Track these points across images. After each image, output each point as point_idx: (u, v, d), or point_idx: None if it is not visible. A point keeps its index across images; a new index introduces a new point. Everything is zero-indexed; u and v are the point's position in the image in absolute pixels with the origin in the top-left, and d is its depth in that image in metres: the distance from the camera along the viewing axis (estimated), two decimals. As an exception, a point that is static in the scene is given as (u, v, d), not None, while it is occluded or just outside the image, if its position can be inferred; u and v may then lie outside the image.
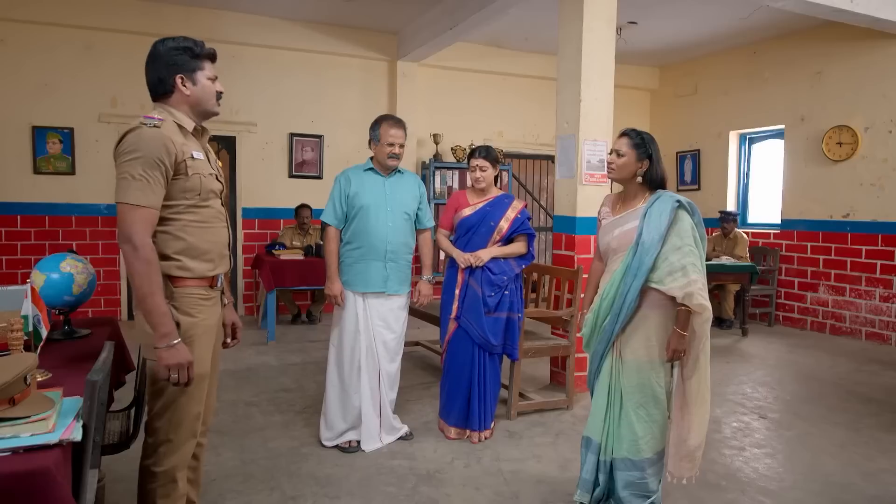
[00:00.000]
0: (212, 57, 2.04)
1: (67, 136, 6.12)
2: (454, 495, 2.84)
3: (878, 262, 6.13)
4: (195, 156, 1.97)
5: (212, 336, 2.05)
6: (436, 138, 7.28)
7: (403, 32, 7.06)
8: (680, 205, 2.46)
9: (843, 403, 4.26)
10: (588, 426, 2.66)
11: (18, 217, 6.06)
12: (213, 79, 2.04)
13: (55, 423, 1.34)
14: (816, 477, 3.10)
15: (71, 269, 2.21)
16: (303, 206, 6.53)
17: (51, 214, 6.17)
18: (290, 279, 5.75)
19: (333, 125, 7.06)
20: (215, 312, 2.07)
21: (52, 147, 6.09)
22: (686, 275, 2.38)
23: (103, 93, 6.23)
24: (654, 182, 2.54)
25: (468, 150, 7.38)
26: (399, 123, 3.32)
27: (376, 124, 3.31)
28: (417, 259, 3.49)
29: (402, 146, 3.32)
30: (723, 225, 6.90)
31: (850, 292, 6.37)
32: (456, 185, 7.32)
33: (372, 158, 3.37)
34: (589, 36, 4.16)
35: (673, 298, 2.42)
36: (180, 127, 1.97)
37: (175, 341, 1.82)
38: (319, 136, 7.07)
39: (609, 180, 4.18)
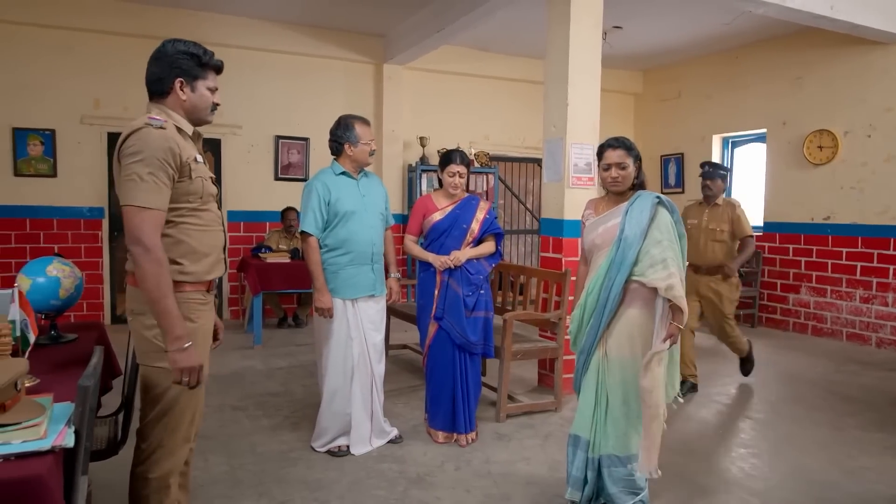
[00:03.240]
0: (218, 68, 2.04)
1: (49, 138, 6.04)
2: (445, 498, 2.84)
3: (858, 265, 6.23)
4: (198, 159, 1.97)
5: (208, 340, 2.04)
6: (422, 141, 7.28)
7: (389, 35, 7.06)
8: (660, 201, 2.58)
9: (825, 403, 4.33)
10: (575, 424, 2.69)
11: (-2, 220, 5.97)
12: (213, 90, 2.03)
13: (46, 429, 1.32)
14: (801, 476, 3.15)
15: (58, 273, 2.18)
16: (289, 209, 6.50)
17: (32, 217, 6.07)
18: (277, 282, 5.71)
19: (319, 128, 6.96)
20: (211, 317, 2.07)
21: (33, 149, 6.01)
22: (666, 267, 2.47)
23: (85, 94, 6.15)
24: (641, 182, 2.63)
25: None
26: (368, 122, 3.34)
27: (348, 126, 3.25)
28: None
29: (373, 141, 3.36)
30: (704, 182, 4.48)
31: (831, 294, 6.47)
32: (442, 188, 7.32)
33: (337, 161, 3.32)
34: (576, 39, 4.19)
35: (654, 295, 2.49)
36: (180, 130, 1.96)
37: (187, 344, 1.82)
38: (305, 139, 7.05)
39: (595, 184, 4.25)
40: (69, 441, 1.30)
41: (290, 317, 6.67)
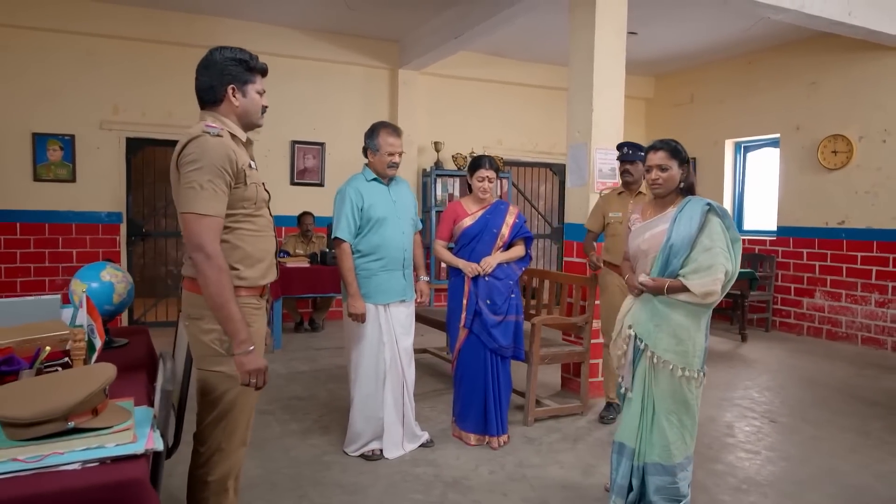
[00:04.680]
0: (263, 72, 2.07)
1: (68, 143, 6.07)
2: (483, 502, 2.85)
3: (874, 269, 6.26)
4: (251, 165, 2.00)
5: (262, 344, 2.06)
6: (436, 146, 7.32)
7: (405, 41, 7.10)
8: (710, 208, 2.53)
9: (848, 407, 4.35)
10: (620, 431, 2.70)
11: (18, 225, 5.99)
12: (262, 93, 2.06)
13: (135, 433, 1.34)
14: (832, 479, 3.16)
15: (111, 279, 2.21)
16: (305, 214, 6.53)
17: (51, 222, 6.10)
18: (297, 287, 5.73)
19: (335, 133, 7.06)
20: (264, 321, 2.09)
21: (52, 154, 6.04)
22: (712, 273, 2.44)
23: (105, 100, 6.19)
24: (689, 187, 2.61)
25: (469, 158, 7.43)
26: (397, 132, 3.32)
27: (374, 133, 3.28)
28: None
29: (400, 155, 3.32)
30: (624, 167, 3.88)
31: (846, 298, 6.49)
32: (457, 193, 7.36)
33: (368, 167, 3.35)
34: (600, 46, 4.23)
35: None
36: (233, 136, 1.99)
37: (251, 347, 1.86)
38: (321, 144, 7.08)
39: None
40: (159, 445, 1.33)
41: (305, 321, 6.69)
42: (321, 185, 7.03)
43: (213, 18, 6.39)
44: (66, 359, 2.01)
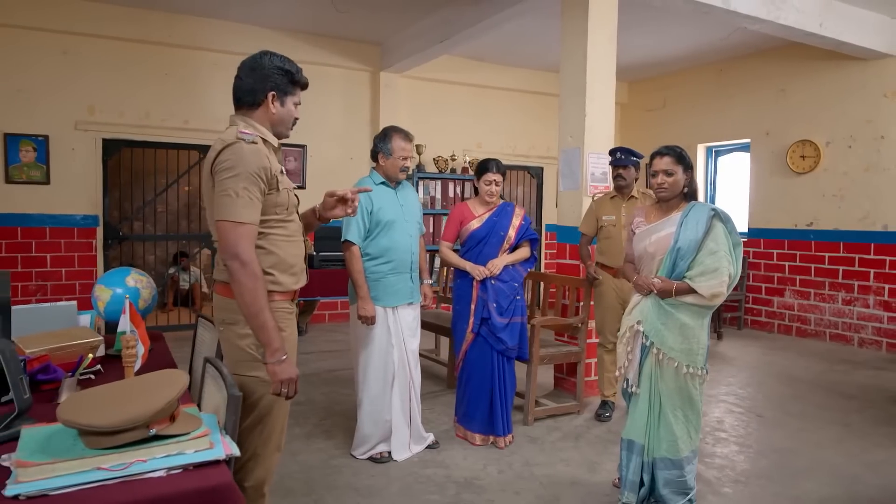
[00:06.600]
0: (304, 86, 2.08)
1: (42, 144, 5.87)
2: (497, 501, 2.90)
3: (840, 269, 6.54)
4: (283, 170, 2.00)
5: (294, 350, 2.06)
6: (418, 149, 7.33)
7: (387, 44, 7.10)
8: (715, 213, 2.64)
9: (827, 401, 4.54)
10: (628, 428, 2.78)
11: (-11, 229, 5.78)
12: (297, 105, 2.07)
13: (211, 439, 1.34)
14: (825, 470, 3.31)
15: (136, 284, 2.17)
16: (288, 217, 6.46)
17: (23, 225, 5.89)
18: (284, 290, 5.67)
19: (316, 135, 7.00)
20: (295, 326, 2.09)
21: (25, 155, 5.83)
22: (718, 276, 2.55)
23: (80, 100, 6.00)
24: (692, 192, 2.71)
25: (450, 161, 7.49)
26: (408, 136, 3.37)
27: (386, 137, 3.32)
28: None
29: (411, 159, 3.38)
30: (617, 171, 3.95)
31: (815, 296, 6.77)
32: (438, 196, 7.39)
33: (375, 170, 3.38)
34: (593, 52, 4.32)
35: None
36: (265, 141, 1.99)
37: (284, 356, 1.84)
38: (302, 146, 7.01)
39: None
40: (236, 450, 1.33)
41: (288, 325, 6.61)
42: (303, 187, 6.96)
43: (195, 18, 6.27)
44: (99, 366, 1.98)
